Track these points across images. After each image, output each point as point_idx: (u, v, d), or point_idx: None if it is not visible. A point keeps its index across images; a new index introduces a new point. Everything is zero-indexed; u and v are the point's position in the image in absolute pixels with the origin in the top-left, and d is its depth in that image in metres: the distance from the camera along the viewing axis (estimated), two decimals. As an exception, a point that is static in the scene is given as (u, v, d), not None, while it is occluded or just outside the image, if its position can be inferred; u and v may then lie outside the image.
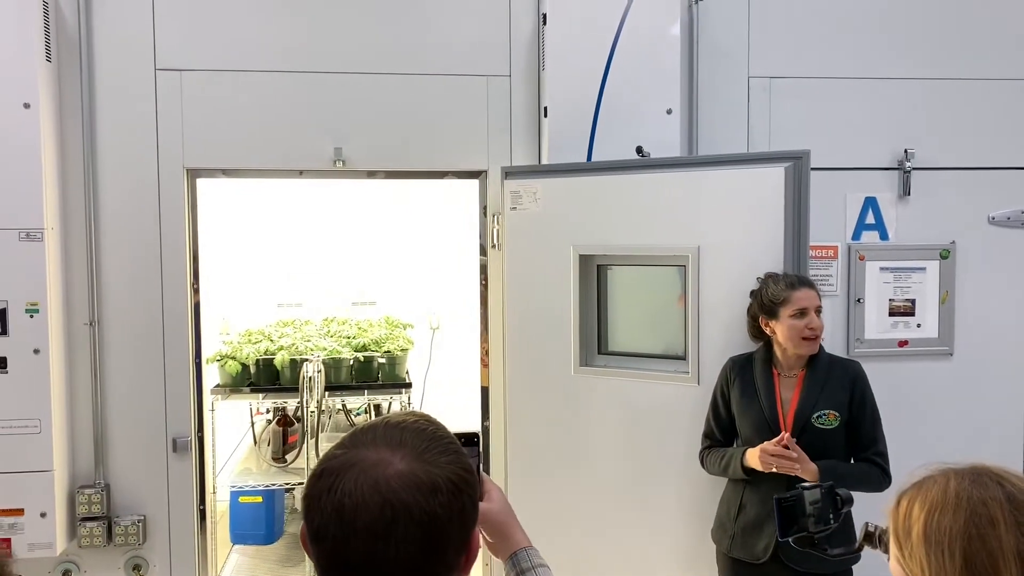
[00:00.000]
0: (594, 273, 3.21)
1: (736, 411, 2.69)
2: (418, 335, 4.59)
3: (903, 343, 3.50)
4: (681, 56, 3.26)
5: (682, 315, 3.02)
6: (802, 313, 2.56)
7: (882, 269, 3.48)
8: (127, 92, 3.20)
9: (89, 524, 3.19)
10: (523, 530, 1.43)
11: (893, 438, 3.50)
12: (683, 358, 3.02)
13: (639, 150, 3.19)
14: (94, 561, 3.26)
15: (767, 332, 2.65)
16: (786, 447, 2.46)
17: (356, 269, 4.88)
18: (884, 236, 3.49)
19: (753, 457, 2.54)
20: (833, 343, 3.44)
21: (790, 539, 2.07)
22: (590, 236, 3.12)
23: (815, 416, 2.55)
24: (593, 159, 3.22)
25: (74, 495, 3.20)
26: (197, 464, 3.34)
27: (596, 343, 3.22)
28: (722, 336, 2.89)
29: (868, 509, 2.68)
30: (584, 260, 3.15)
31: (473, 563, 1.02)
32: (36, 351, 3.03)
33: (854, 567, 2.64)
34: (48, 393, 3.05)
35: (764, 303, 2.65)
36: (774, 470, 2.49)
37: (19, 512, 3.04)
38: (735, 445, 2.71)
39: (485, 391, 3.50)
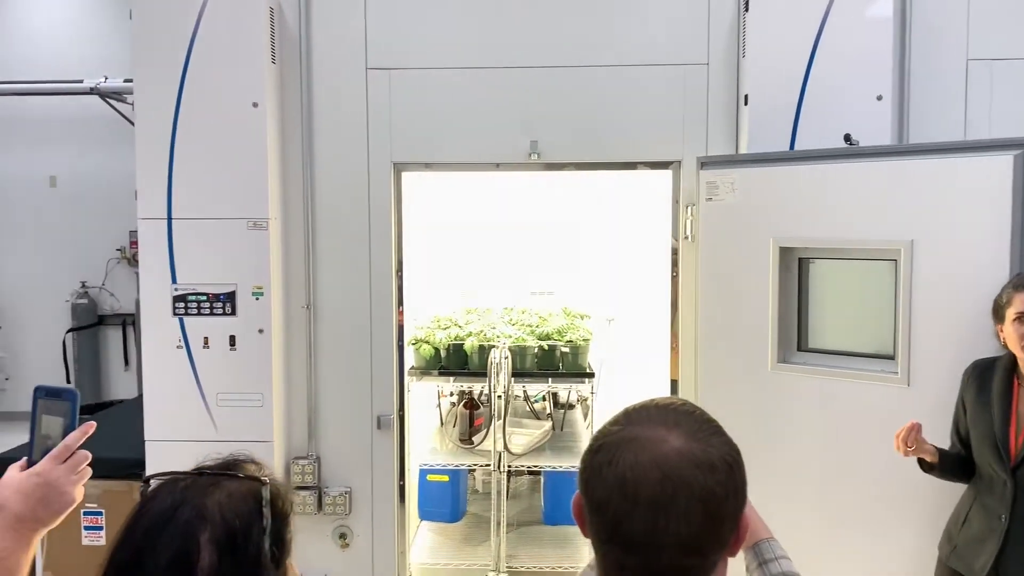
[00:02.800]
0: (795, 266, 3.11)
1: (969, 418, 2.53)
2: (592, 326, 4.61)
3: None
4: (893, 38, 3.10)
5: (892, 312, 2.87)
6: (1022, 318, 2.38)
7: (1124, 267, 3.16)
8: (341, 91, 3.42)
9: (302, 493, 3.45)
10: (763, 521, 1.42)
11: None
12: (892, 358, 2.87)
13: (847, 138, 3.06)
14: (305, 527, 3.52)
15: (1001, 337, 2.47)
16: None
17: (535, 259, 4.96)
18: (1126, 230, 3.16)
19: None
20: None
21: None
22: (791, 228, 3.03)
23: None
24: (796, 148, 3.12)
25: (289, 465, 3.46)
26: (398, 441, 3.52)
27: (796, 339, 3.12)
28: (937, 335, 2.74)
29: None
30: (784, 252, 3.07)
31: (742, 543, 1.03)
32: (260, 331, 3.31)
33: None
34: (270, 370, 3.32)
35: (994, 305, 2.48)
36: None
37: (243, 479, 3.31)
38: (974, 453, 2.55)
39: (675, 384, 3.48)
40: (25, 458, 1.31)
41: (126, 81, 7.12)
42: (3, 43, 7.66)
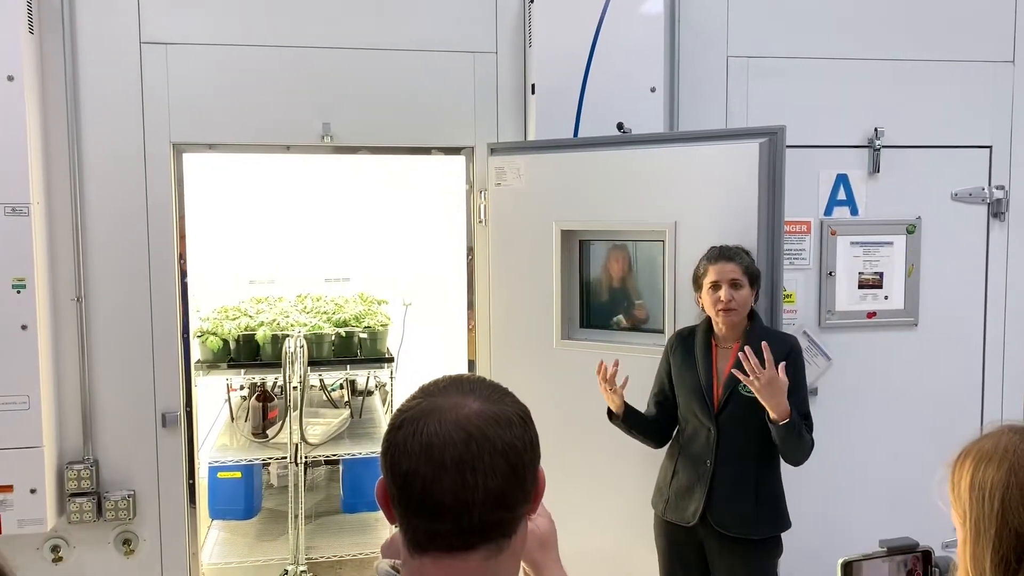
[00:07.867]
0: (576, 248, 3.38)
1: (675, 380, 2.90)
2: (391, 311, 4.71)
3: (871, 314, 3.76)
4: (664, 35, 3.43)
5: (661, 289, 3.18)
6: (715, 286, 2.75)
7: (852, 243, 3.74)
8: (112, 65, 3.29)
9: (78, 500, 3.30)
10: (561, 565, 1.41)
11: (862, 404, 3.79)
12: (661, 331, 3.19)
13: (620, 126, 3.36)
14: (84, 536, 3.37)
15: (700, 304, 2.86)
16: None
17: (330, 245, 4.97)
18: (855, 212, 3.74)
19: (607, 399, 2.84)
20: (806, 315, 3.70)
21: None
22: (572, 212, 3.30)
23: (741, 385, 2.70)
24: (579, 136, 3.38)
25: (63, 471, 3.29)
26: (186, 439, 3.45)
27: (579, 316, 3.39)
28: (697, 310, 3.06)
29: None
30: (566, 235, 3.33)
31: (541, 497, 1.17)
32: (24, 327, 3.12)
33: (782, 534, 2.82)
34: (36, 369, 3.15)
35: (693, 276, 2.87)
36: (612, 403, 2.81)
37: (8, 489, 3.13)
38: (679, 411, 2.90)
39: (472, 364, 3.68)
40: None
41: None
42: None
